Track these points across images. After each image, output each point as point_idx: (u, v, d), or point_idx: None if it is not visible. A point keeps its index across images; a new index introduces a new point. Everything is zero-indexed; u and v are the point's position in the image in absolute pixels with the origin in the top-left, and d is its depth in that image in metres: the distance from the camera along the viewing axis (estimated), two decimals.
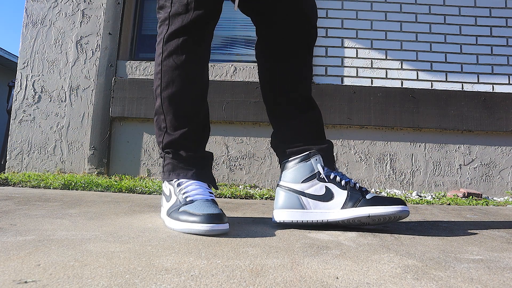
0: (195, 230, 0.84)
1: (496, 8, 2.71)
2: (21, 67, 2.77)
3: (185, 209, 0.89)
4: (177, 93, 1.01)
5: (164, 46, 1.01)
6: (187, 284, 0.51)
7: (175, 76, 1.00)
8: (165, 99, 1.02)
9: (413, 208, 1.62)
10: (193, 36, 1.00)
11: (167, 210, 0.97)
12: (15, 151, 2.69)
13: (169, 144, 1.03)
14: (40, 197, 1.52)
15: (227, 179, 2.61)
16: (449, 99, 2.59)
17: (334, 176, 1.00)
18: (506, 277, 0.60)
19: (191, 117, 1.04)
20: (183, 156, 1.02)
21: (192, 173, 1.00)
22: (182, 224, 0.87)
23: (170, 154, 1.02)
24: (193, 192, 0.95)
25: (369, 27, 2.72)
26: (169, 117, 1.02)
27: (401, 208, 0.92)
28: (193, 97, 1.04)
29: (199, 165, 1.03)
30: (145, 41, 3.04)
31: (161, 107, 1.03)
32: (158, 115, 1.05)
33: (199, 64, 1.05)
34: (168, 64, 1.01)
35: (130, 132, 2.69)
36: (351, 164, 2.60)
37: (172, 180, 1.01)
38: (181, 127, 1.02)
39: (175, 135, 1.02)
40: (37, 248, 0.67)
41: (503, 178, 2.57)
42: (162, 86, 1.02)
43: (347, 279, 0.56)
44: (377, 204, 0.92)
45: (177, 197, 0.96)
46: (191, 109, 1.04)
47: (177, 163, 1.02)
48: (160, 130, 1.05)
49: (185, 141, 1.02)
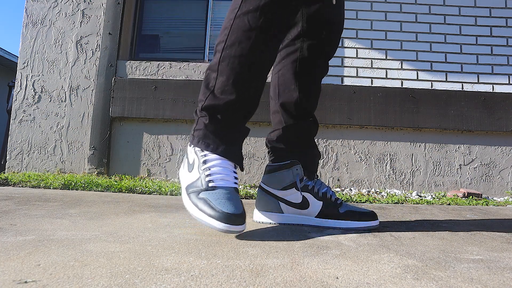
0: (210, 225, 0.81)
1: (496, 8, 2.71)
2: (21, 67, 2.77)
3: (205, 197, 0.86)
4: (239, 56, 0.92)
5: (243, 2, 0.91)
6: (187, 284, 0.51)
7: (244, 37, 0.91)
8: (224, 57, 0.93)
9: (413, 208, 1.62)
10: (277, 2, 0.91)
11: (187, 185, 0.92)
12: (15, 151, 2.69)
13: (210, 107, 0.95)
14: (40, 197, 1.52)
15: None
16: (449, 99, 2.58)
17: (312, 186, 1.06)
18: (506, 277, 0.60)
19: (243, 86, 0.94)
20: (219, 124, 0.94)
21: (222, 149, 0.93)
22: (199, 213, 0.84)
23: (207, 117, 0.94)
24: (217, 176, 0.90)
25: (369, 27, 2.72)
26: (222, 78, 0.93)
27: (371, 223, 1.01)
28: (254, 66, 0.95)
29: (231, 140, 0.96)
30: (145, 41, 3.04)
31: (218, 64, 0.93)
32: (211, 71, 0.96)
33: (273, 35, 0.95)
34: (240, 22, 0.91)
35: (130, 132, 2.69)
36: (351, 164, 2.60)
37: (199, 149, 0.94)
38: (229, 93, 0.93)
39: (220, 100, 0.94)
40: (37, 248, 0.67)
41: (503, 178, 2.57)
42: (226, 43, 0.93)
43: (347, 279, 0.56)
44: (349, 219, 1.01)
45: (199, 176, 0.90)
46: (247, 78, 0.94)
47: (211, 131, 0.94)
48: (206, 88, 0.96)
49: (228, 109, 0.94)
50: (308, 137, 1.15)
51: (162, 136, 2.67)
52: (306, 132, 1.14)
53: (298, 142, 1.12)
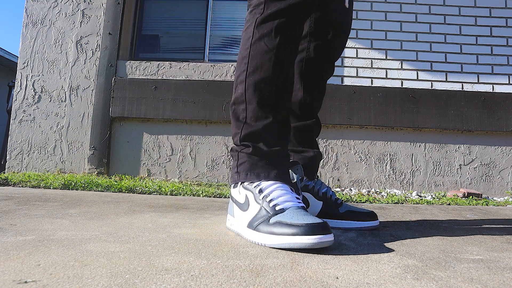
0: (299, 244, 0.71)
1: (496, 8, 2.71)
2: (21, 67, 2.77)
3: (278, 220, 0.77)
4: (265, 79, 0.91)
5: (255, 29, 0.92)
6: (187, 284, 0.51)
7: (264, 60, 0.91)
8: (250, 85, 0.92)
9: (413, 208, 1.62)
10: (289, 20, 0.92)
11: (248, 222, 0.83)
12: (15, 151, 2.69)
13: (249, 136, 0.92)
14: (40, 197, 1.52)
15: (227, 179, 2.61)
16: (449, 99, 2.59)
17: (312, 186, 1.07)
18: (506, 277, 0.60)
19: (276, 107, 0.93)
20: (264, 150, 0.90)
21: (275, 174, 0.88)
22: (279, 238, 0.74)
23: (250, 148, 0.91)
24: (281, 199, 0.83)
25: (369, 27, 2.72)
26: (252, 106, 0.91)
27: (371, 223, 1.01)
28: (280, 85, 0.94)
29: (282, 164, 0.92)
30: (145, 41, 3.04)
31: (244, 94, 0.92)
32: (237, 104, 0.94)
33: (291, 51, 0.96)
34: (258, 47, 0.92)
35: (130, 132, 2.69)
36: (351, 164, 2.60)
37: (250, 183, 0.89)
38: (265, 118, 0.91)
39: (257, 126, 0.91)
40: (37, 248, 0.67)
41: (503, 178, 2.57)
42: (248, 71, 0.92)
43: (347, 279, 0.56)
44: (349, 219, 1.01)
45: (260, 206, 0.83)
46: (277, 98, 0.94)
47: (257, 160, 0.90)
48: (237, 121, 0.94)
49: (267, 133, 0.91)
50: (310, 137, 1.15)
51: (162, 136, 2.67)
52: (308, 132, 1.14)
53: (300, 142, 1.12)
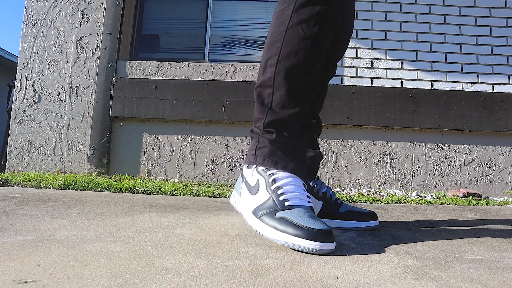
0: (298, 246, 0.72)
1: (496, 8, 2.71)
2: (21, 67, 2.77)
3: (284, 217, 0.77)
4: (298, 67, 0.88)
5: (294, 13, 0.88)
6: (187, 284, 0.51)
7: (300, 47, 0.87)
8: (280, 70, 0.88)
9: (413, 208, 1.62)
10: (332, 9, 0.89)
11: (254, 208, 0.84)
12: (15, 151, 2.69)
13: (273, 123, 0.89)
14: (40, 197, 1.52)
15: (227, 179, 2.61)
16: (449, 99, 2.58)
17: (312, 186, 1.07)
18: (506, 277, 0.60)
19: (304, 97, 0.90)
20: (287, 140, 0.89)
21: (293, 166, 0.87)
22: (280, 234, 0.75)
23: (273, 134, 0.88)
24: (292, 195, 0.82)
25: (369, 27, 2.72)
26: (280, 93, 0.88)
27: (371, 223, 1.02)
28: (313, 75, 0.91)
29: (299, 156, 0.90)
30: (145, 41, 3.04)
31: (273, 79, 0.89)
32: (264, 88, 0.91)
33: (329, 41, 0.92)
34: (294, 32, 0.87)
35: (130, 132, 2.69)
36: (351, 164, 2.60)
37: (265, 169, 0.87)
38: (292, 107, 0.88)
39: (283, 114, 0.88)
40: (37, 248, 0.67)
41: (503, 178, 2.57)
42: (280, 56, 0.88)
43: (347, 279, 0.56)
44: (349, 219, 1.02)
45: (270, 196, 0.83)
46: (307, 88, 0.91)
47: (278, 148, 0.88)
48: (262, 106, 0.91)
49: (293, 123, 0.89)
50: (311, 137, 1.15)
51: (162, 136, 2.67)
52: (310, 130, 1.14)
53: None
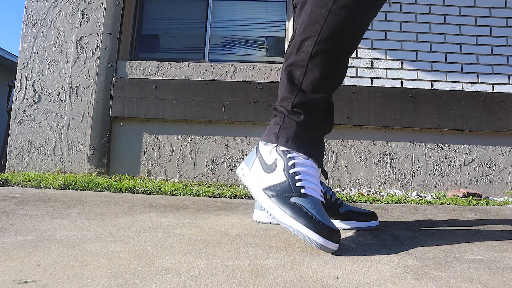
0: (305, 236, 0.71)
1: (496, 8, 2.71)
2: (21, 67, 2.77)
3: (298, 203, 0.76)
4: (336, 52, 0.85)
5: None
6: (187, 284, 0.51)
7: (340, 32, 0.84)
8: (318, 52, 0.84)
9: (413, 208, 1.62)
10: None
11: (266, 186, 0.82)
12: (15, 151, 2.69)
13: (303, 104, 0.86)
14: (40, 197, 1.52)
15: (227, 179, 2.61)
16: (449, 99, 2.58)
17: None
18: (506, 277, 0.60)
19: (335, 84, 0.89)
20: (315, 123, 0.86)
21: (315, 153, 0.85)
22: (290, 220, 0.74)
23: (301, 116, 0.85)
24: (309, 184, 0.80)
25: (369, 27, 2.72)
26: (313, 75, 0.85)
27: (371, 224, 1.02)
28: (344, 64, 0.89)
29: (321, 145, 0.88)
30: (145, 41, 3.04)
31: (307, 60, 0.85)
32: (296, 67, 0.87)
33: (365, 29, 0.89)
34: (338, 16, 0.84)
35: (130, 132, 2.69)
36: (351, 164, 2.60)
37: (286, 151, 0.84)
38: (322, 92, 0.86)
39: (313, 97, 0.86)
40: (37, 248, 0.67)
41: (503, 178, 2.57)
42: (320, 37, 0.84)
43: (347, 279, 0.56)
44: (349, 219, 1.02)
45: (286, 179, 0.80)
46: (338, 76, 0.89)
47: (304, 130, 0.85)
48: (292, 85, 0.87)
49: (322, 107, 0.87)
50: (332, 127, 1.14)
51: (162, 136, 2.67)
52: None
53: None
